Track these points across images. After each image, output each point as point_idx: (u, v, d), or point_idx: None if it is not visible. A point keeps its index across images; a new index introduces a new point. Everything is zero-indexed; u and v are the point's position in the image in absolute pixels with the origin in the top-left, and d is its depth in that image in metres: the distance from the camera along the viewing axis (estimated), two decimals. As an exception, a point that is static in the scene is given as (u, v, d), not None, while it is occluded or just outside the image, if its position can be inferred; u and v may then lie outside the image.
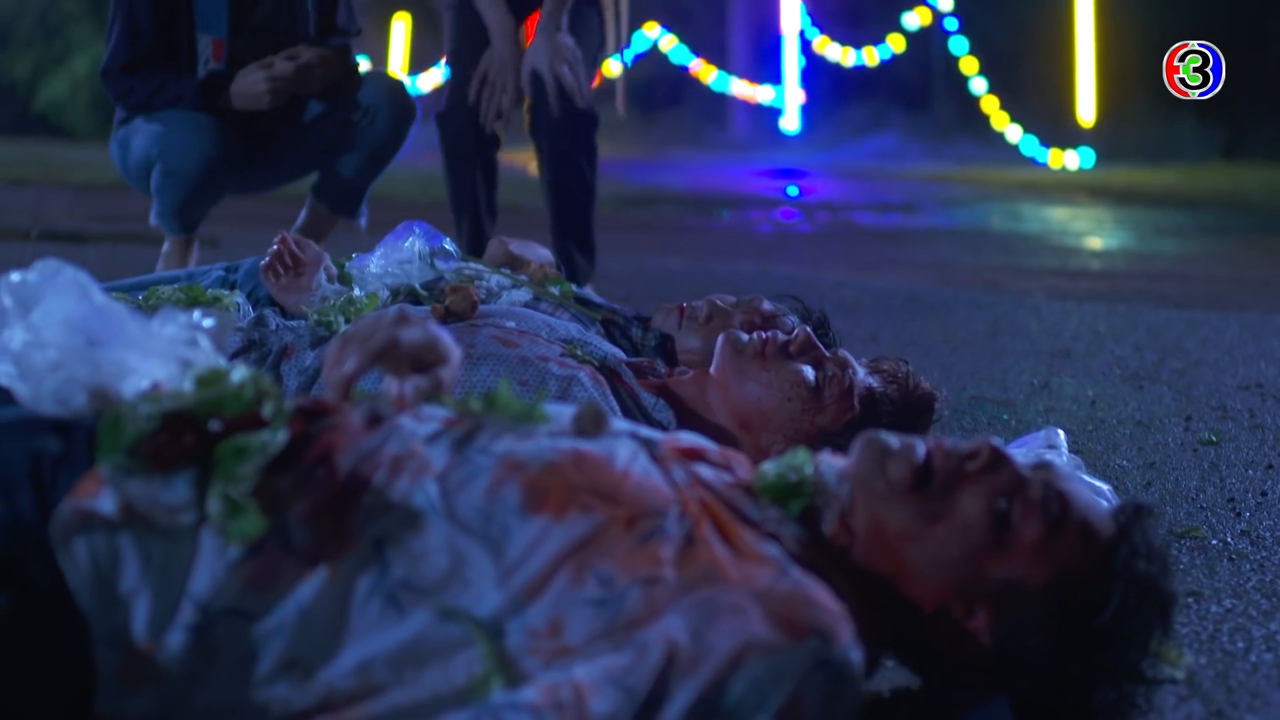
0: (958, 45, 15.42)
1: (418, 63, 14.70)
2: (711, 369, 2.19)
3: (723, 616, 1.23)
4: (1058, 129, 14.93)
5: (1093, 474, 2.33)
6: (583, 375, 2.09)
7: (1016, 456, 1.46)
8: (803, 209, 10.00)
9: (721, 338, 2.19)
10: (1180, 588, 1.82)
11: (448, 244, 2.61)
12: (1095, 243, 8.34)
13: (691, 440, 1.52)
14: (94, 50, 13.95)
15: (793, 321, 2.58)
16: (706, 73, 15.70)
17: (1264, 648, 1.82)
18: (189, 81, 3.61)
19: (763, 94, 16.00)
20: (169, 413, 1.29)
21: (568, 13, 3.94)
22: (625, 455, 1.37)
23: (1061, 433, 2.42)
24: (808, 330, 2.20)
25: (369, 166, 3.92)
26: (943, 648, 1.42)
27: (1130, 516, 1.42)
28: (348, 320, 2.23)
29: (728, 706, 1.19)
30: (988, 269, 6.51)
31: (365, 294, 2.40)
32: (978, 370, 3.69)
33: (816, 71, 15.89)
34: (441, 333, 1.48)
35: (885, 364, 2.24)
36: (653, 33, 14.87)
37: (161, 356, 1.36)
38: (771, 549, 1.34)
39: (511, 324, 2.23)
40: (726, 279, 5.20)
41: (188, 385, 1.32)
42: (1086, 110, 15.01)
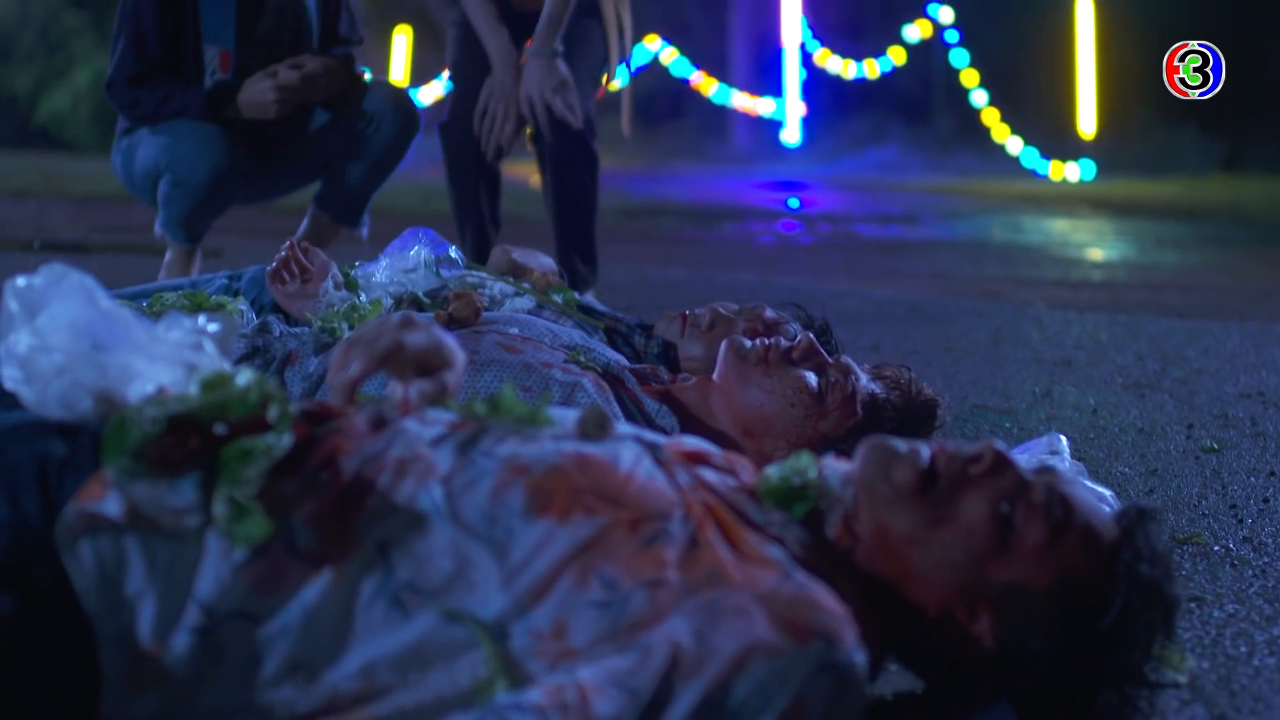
0: (958, 58, 15.46)
1: (419, 75, 14.69)
2: (714, 375, 2.19)
3: (727, 619, 1.23)
4: (1059, 141, 14.94)
5: (1095, 481, 2.34)
6: (586, 381, 2.09)
7: (1020, 461, 1.46)
8: (804, 221, 9.99)
9: (725, 344, 2.19)
10: (1183, 593, 1.83)
11: (453, 251, 2.62)
12: (1096, 254, 8.33)
13: (695, 444, 1.52)
14: (95, 64, 13.97)
15: (795, 329, 2.58)
16: (707, 85, 15.71)
17: (1266, 652, 1.82)
18: (196, 92, 3.61)
19: (763, 106, 16.02)
20: (174, 416, 1.29)
21: (565, 29, 3.94)
22: (629, 458, 1.37)
23: (1064, 438, 2.42)
24: (810, 337, 2.20)
25: (373, 174, 3.92)
26: (946, 651, 1.42)
27: (1133, 520, 1.42)
28: (351, 327, 2.23)
29: (731, 709, 1.19)
30: (989, 280, 6.50)
31: (369, 301, 2.40)
32: (980, 379, 3.69)
33: (817, 84, 15.90)
34: (446, 337, 1.48)
35: (887, 370, 2.24)
36: (654, 46, 14.88)
37: (167, 360, 1.36)
38: (775, 552, 1.34)
39: (515, 330, 2.23)
40: (728, 289, 5.20)
41: (193, 389, 1.33)
42: (1087, 122, 15.04)
